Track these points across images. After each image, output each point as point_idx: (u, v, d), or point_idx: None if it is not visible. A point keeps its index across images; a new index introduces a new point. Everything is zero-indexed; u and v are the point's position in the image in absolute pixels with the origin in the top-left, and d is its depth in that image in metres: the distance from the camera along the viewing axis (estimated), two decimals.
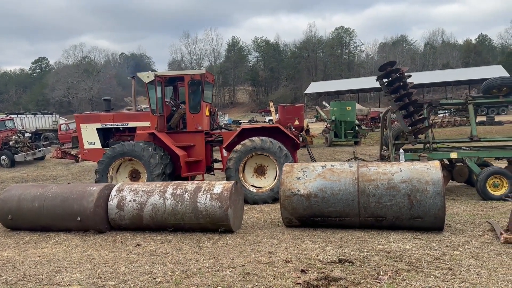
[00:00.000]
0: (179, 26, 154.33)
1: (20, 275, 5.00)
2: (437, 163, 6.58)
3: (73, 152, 21.17)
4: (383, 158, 11.16)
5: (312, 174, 6.82)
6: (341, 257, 5.13)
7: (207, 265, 5.06)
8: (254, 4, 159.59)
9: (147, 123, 11.02)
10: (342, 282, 4.34)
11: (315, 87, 73.59)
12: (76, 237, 6.95)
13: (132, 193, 7.17)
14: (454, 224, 6.81)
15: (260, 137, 9.96)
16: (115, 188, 7.41)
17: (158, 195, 7.03)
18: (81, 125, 11.50)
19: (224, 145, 10.83)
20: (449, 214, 7.38)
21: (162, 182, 7.79)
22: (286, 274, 4.62)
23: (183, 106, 11.18)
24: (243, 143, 9.99)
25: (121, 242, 6.56)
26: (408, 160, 9.12)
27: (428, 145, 10.58)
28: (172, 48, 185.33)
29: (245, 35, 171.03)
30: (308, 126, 26.39)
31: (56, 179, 16.66)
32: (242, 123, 44.17)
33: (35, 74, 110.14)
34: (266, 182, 10.21)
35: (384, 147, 11.91)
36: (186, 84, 10.76)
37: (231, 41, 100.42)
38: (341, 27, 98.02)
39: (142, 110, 17.05)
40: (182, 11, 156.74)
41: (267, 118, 50.46)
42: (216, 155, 11.89)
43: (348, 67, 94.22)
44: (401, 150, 10.12)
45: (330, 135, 24.92)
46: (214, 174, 12.27)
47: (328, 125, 26.03)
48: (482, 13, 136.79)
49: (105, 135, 11.60)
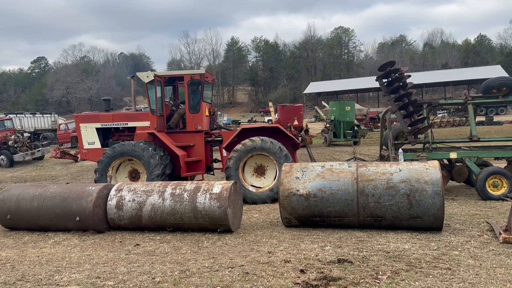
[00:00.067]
0: (178, 26, 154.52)
1: (19, 275, 4.99)
2: (436, 163, 6.59)
3: (72, 152, 21.15)
4: (382, 158, 11.17)
5: (311, 174, 6.82)
6: (340, 257, 5.13)
7: (206, 265, 5.06)
8: (253, 4, 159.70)
9: (146, 123, 11.01)
10: (341, 282, 4.34)
11: (314, 87, 73.62)
12: (75, 237, 6.94)
13: (131, 193, 7.16)
14: (453, 224, 6.81)
15: (261, 137, 9.96)
16: (114, 188, 7.40)
17: (157, 195, 7.03)
18: (81, 125, 11.49)
19: (223, 145, 10.83)
20: (448, 214, 7.39)
21: (161, 182, 7.79)
22: (285, 274, 4.63)
23: (182, 106, 11.18)
24: (244, 142, 9.99)
25: (120, 242, 6.55)
26: (408, 160, 9.13)
27: (427, 145, 10.59)
28: (171, 48, 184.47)
29: (244, 35, 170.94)
30: (307, 126, 26.42)
31: (55, 179, 16.64)
32: (241, 123, 44.18)
33: (34, 74, 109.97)
34: (266, 182, 10.21)
35: (383, 147, 11.92)
36: (185, 84, 10.76)
37: (230, 41, 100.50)
38: (340, 27, 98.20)
39: (141, 110, 17.05)
40: (181, 11, 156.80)
41: (266, 118, 50.45)
42: (216, 155, 11.89)
43: (347, 67, 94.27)
44: (400, 150, 10.13)
45: (329, 135, 24.94)
46: (213, 174, 12.27)
47: (327, 125, 26.05)
48: (481, 13, 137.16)
49: (105, 135, 11.60)
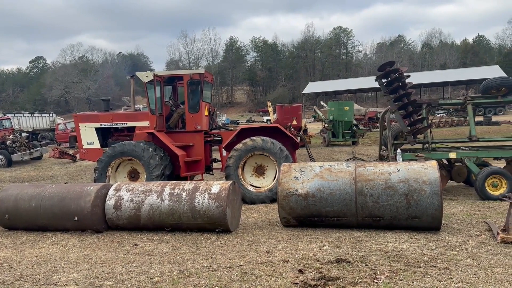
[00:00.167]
0: (177, 26, 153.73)
1: (17, 275, 4.98)
2: (434, 163, 6.60)
3: (70, 152, 21.11)
4: (382, 158, 11.18)
5: (310, 174, 6.83)
6: (338, 257, 5.13)
7: (205, 265, 5.06)
8: (252, 4, 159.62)
9: (146, 123, 11.01)
10: (339, 281, 4.34)
11: (313, 87, 73.61)
12: (73, 237, 6.94)
13: (130, 193, 7.16)
14: (451, 224, 6.82)
15: (262, 137, 9.97)
16: (113, 187, 7.40)
17: (156, 194, 7.02)
18: (80, 124, 11.48)
19: (223, 145, 10.84)
20: (446, 214, 7.40)
21: (159, 182, 7.78)
22: (284, 274, 4.63)
23: (182, 106, 11.17)
24: (244, 142, 9.99)
25: (119, 242, 6.55)
26: (407, 160, 9.14)
27: (427, 145, 10.60)
28: (170, 47, 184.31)
29: (243, 35, 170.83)
30: (306, 126, 26.39)
31: (53, 179, 16.61)
32: (240, 123, 44.17)
33: (32, 74, 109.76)
34: (265, 182, 10.22)
35: (383, 147, 11.93)
36: (185, 84, 10.76)
37: (229, 41, 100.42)
38: (339, 27, 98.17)
39: (139, 109, 17.03)
40: (180, 10, 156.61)
41: (265, 118, 50.40)
42: (215, 154, 11.88)
43: (346, 67, 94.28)
44: (398, 150, 10.14)
45: (328, 135, 24.93)
46: (213, 174, 12.26)
47: (326, 125, 26.05)
48: (479, 14, 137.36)
49: (104, 134, 11.58)
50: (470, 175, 10.65)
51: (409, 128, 10.18)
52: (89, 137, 11.39)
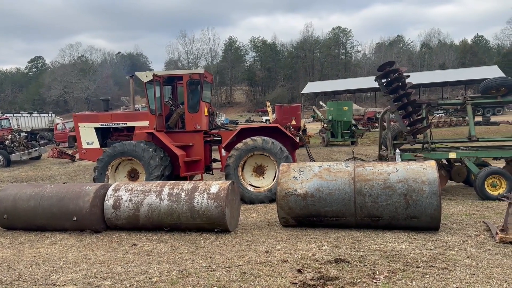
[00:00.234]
0: (176, 26, 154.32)
1: (15, 275, 4.98)
2: (433, 163, 6.60)
3: (69, 152, 21.09)
4: (381, 158, 11.19)
5: (309, 174, 6.83)
6: (337, 257, 5.13)
7: (204, 265, 5.05)
8: (251, 4, 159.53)
9: (145, 123, 11.01)
10: (338, 281, 4.35)
11: (312, 87, 73.63)
12: (72, 237, 6.93)
13: (129, 193, 7.15)
14: (450, 224, 6.83)
15: (262, 137, 9.98)
16: (111, 187, 7.39)
17: (155, 194, 7.02)
18: (79, 124, 11.47)
19: (223, 145, 10.84)
20: (445, 214, 7.41)
21: (158, 181, 7.78)
22: (283, 273, 4.63)
23: (182, 106, 11.17)
24: (245, 141, 10.00)
25: (117, 242, 6.54)
26: (406, 160, 9.14)
27: (426, 145, 10.61)
28: (169, 47, 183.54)
29: (242, 35, 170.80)
30: (305, 126, 26.42)
31: (52, 179, 16.59)
32: (239, 123, 44.15)
33: (31, 73, 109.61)
34: (265, 182, 10.23)
35: (382, 147, 11.94)
36: (185, 84, 10.76)
37: (228, 40, 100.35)
38: (338, 27, 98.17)
39: (138, 109, 17.01)
40: (179, 10, 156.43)
41: (264, 118, 50.42)
42: (215, 154, 11.88)
43: (345, 67, 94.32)
44: (397, 150, 10.15)
45: (326, 135, 24.95)
46: (212, 174, 12.26)
47: (325, 125, 26.06)
48: (478, 14, 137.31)
49: (104, 134, 11.57)
50: (469, 175, 10.66)
51: (409, 128, 10.19)
52: (88, 137, 11.38)
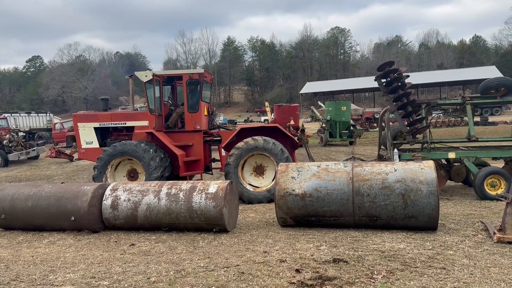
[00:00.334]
0: (175, 25, 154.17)
1: (13, 275, 4.96)
2: (431, 163, 6.61)
3: (67, 151, 21.05)
4: (381, 158, 11.21)
5: (307, 174, 6.83)
6: (335, 257, 5.14)
7: (202, 265, 5.05)
8: (249, 4, 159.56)
9: (145, 123, 11.00)
10: (336, 281, 4.35)
11: (310, 87, 73.68)
12: (70, 237, 6.92)
13: (127, 193, 7.14)
14: (448, 224, 6.84)
15: (264, 137, 9.99)
16: (109, 187, 7.38)
17: (153, 194, 7.01)
18: (79, 124, 11.44)
19: (222, 145, 10.84)
20: (443, 214, 7.42)
21: (156, 181, 7.77)
22: (281, 273, 4.63)
23: (181, 106, 11.17)
24: (246, 141, 10.01)
25: (115, 241, 6.53)
26: (404, 160, 9.15)
27: (426, 145, 10.62)
28: (167, 47, 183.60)
29: (240, 34, 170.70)
30: (303, 126, 26.42)
31: (50, 179, 16.56)
32: (238, 123, 44.15)
33: (29, 73, 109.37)
34: (264, 183, 10.23)
35: (382, 147, 11.96)
36: (184, 84, 10.76)
37: (226, 40, 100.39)
38: (336, 27, 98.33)
39: (136, 109, 16.99)
40: (178, 10, 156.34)
41: (262, 118, 50.45)
42: (214, 154, 11.88)
43: (343, 67, 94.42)
44: (395, 150, 10.16)
45: (325, 135, 24.98)
46: (212, 174, 12.25)
47: (323, 125, 26.08)
48: (476, 14, 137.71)
49: (103, 134, 11.55)
50: (468, 175, 10.68)
51: (408, 128, 10.20)
52: (88, 136, 11.36)
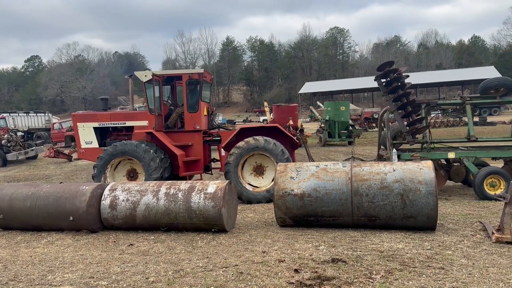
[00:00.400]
0: (173, 25, 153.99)
1: (11, 275, 4.96)
2: (429, 163, 6.62)
3: (66, 151, 21.03)
4: (380, 158, 11.22)
5: (306, 174, 6.83)
6: (334, 257, 5.14)
7: (200, 265, 5.05)
8: (248, 4, 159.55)
9: (144, 122, 10.99)
10: (335, 281, 4.35)
11: (309, 87, 73.73)
12: (68, 237, 6.90)
13: (125, 193, 7.13)
14: (446, 224, 6.85)
15: (265, 137, 10.00)
16: (108, 187, 7.37)
17: (151, 194, 7.00)
18: (78, 124, 11.43)
19: (222, 145, 10.84)
20: (442, 214, 7.43)
21: (155, 181, 7.76)
22: (279, 273, 4.63)
23: (181, 106, 11.16)
24: (247, 140, 10.01)
25: (114, 241, 6.52)
26: (402, 160, 9.16)
27: (426, 145, 10.63)
28: (166, 47, 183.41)
29: (239, 34, 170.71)
30: (302, 126, 26.44)
31: (48, 179, 16.54)
32: (237, 123, 44.16)
33: (27, 73, 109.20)
34: (263, 183, 10.24)
35: (382, 147, 11.97)
36: (184, 83, 10.76)
37: (225, 40, 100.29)
38: (335, 27, 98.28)
39: (135, 109, 16.99)
40: (177, 10, 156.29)
41: (261, 118, 50.48)
42: (214, 154, 11.87)
43: (342, 67, 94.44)
44: (393, 150, 10.17)
45: (324, 135, 24.99)
46: (212, 174, 12.25)
47: (322, 125, 26.09)
48: (475, 14, 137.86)
49: (102, 134, 11.54)
50: (468, 175, 10.69)
51: (408, 128, 10.21)
52: (87, 136, 11.34)
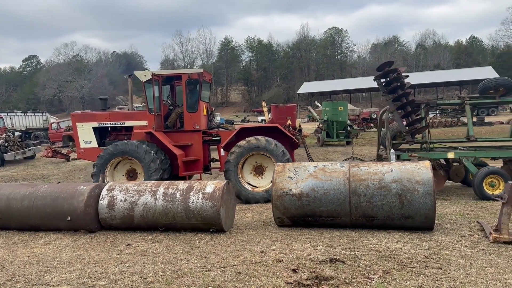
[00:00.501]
0: (172, 25, 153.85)
1: (9, 275, 4.94)
2: (427, 163, 6.62)
3: (63, 151, 20.98)
4: (380, 158, 11.23)
5: (304, 174, 6.83)
6: (332, 257, 5.14)
7: (198, 265, 5.04)
8: (247, 4, 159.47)
9: (144, 122, 10.98)
10: (333, 281, 4.35)
11: (307, 87, 73.73)
12: (66, 237, 6.89)
13: (123, 193, 7.12)
14: (444, 224, 6.86)
15: (266, 138, 10.00)
16: (106, 187, 7.36)
17: (149, 194, 6.99)
18: (77, 124, 11.40)
19: (222, 145, 10.84)
20: (440, 214, 7.44)
21: (153, 181, 7.75)
22: (277, 273, 4.63)
23: (180, 105, 11.15)
24: (248, 140, 10.02)
25: (112, 242, 6.51)
26: (400, 160, 9.17)
27: (425, 145, 10.65)
28: (164, 47, 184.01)
29: (238, 34, 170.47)
30: (300, 126, 26.41)
31: (46, 178, 16.50)
32: (235, 123, 44.14)
33: (25, 72, 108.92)
34: (263, 183, 10.24)
35: (381, 147, 11.98)
36: (183, 83, 10.76)
37: (223, 40, 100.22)
38: (333, 27, 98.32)
39: (134, 109, 16.98)
40: (175, 10, 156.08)
41: (259, 118, 50.49)
42: (214, 154, 11.86)
43: (340, 68, 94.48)
44: (392, 150, 10.18)
45: (322, 135, 24.99)
46: (211, 174, 12.24)
47: (320, 125, 26.10)
48: (473, 15, 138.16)
49: (101, 134, 11.52)
50: (467, 175, 10.71)
51: (408, 128, 10.23)
52: (86, 136, 11.32)
